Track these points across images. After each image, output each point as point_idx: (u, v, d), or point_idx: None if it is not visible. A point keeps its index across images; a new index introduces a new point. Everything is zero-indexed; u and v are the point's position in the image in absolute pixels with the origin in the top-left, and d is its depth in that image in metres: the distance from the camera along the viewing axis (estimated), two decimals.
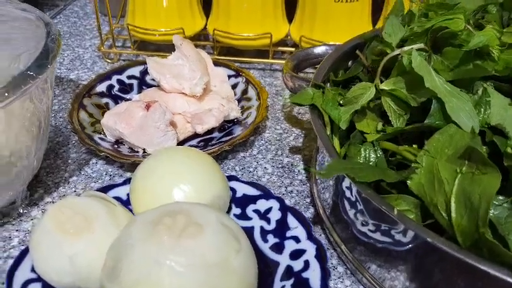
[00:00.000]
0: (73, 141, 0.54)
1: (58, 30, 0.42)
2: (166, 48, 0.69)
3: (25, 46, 0.41)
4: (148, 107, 0.48)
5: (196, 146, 0.52)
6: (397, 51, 0.38)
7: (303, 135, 0.56)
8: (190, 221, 0.31)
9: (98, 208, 0.36)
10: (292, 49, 0.68)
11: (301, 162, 0.52)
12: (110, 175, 0.50)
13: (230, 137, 0.51)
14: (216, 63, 0.60)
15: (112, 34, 0.67)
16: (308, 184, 0.49)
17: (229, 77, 0.60)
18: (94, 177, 0.50)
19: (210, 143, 0.52)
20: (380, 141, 0.37)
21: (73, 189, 0.48)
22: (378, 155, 0.37)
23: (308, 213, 0.46)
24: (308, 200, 0.47)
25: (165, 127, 0.49)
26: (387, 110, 0.38)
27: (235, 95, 0.58)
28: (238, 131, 0.53)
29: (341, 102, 0.41)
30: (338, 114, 0.40)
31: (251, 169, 0.51)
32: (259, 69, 0.68)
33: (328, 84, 0.46)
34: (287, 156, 0.53)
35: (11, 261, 0.37)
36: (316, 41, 0.62)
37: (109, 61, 0.69)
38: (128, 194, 0.44)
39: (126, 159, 0.47)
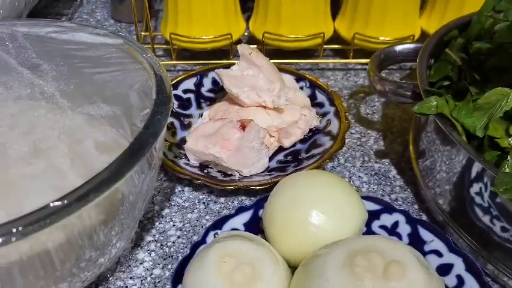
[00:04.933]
0: None
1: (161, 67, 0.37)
2: (200, 55, 0.65)
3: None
4: (243, 127, 0.45)
5: (285, 162, 0.50)
6: None
7: (381, 138, 0.54)
8: (387, 259, 0.30)
9: (256, 252, 0.33)
10: (336, 46, 0.66)
11: (393, 167, 0.51)
12: (204, 203, 0.46)
13: (322, 149, 0.49)
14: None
15: (153, 45, 0.62)
16: (409, 189, 0.48)
17: None
18: (187, 207, 0.46)
19: (300, 157, 0.50)
20: None
21: (171, 223, 0.45)
22: None
23: None
24: (416, 206, 0.47)
25: (259, 146, 0.46)
26: None
27: None
28: (323, 140, 0.50)
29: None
30: (473, 122, 0.39)
31: (346, 179, 0.49)
32: (306, 70, 0.66)
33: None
34: (376, 162, 0.51)
35: None
36: (370, 38, 0.61)
37: None
38: (245, 225, 0.41)
39: (230, 186, 0.44)
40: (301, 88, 0.56)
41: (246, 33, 0.66)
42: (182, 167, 0.47)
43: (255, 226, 0.41)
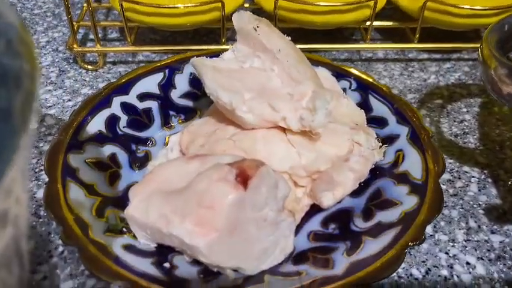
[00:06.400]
0: (59, 250, 0.26)
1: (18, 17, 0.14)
2: (175, 38, 0.41)
3: None
4: (243, 179, 0.21)
5: (325, 237, 0.26)
6: None
7: (490, 181, 0.30)
8: None
9: None
10: (391, 23, 0.42)
11: None
12: None
13: (397, 211, 0.25)
14: None
15: (93, 20, 0.37)
16: None
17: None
18: None
19: (353, 226, 0.25)
20: None
21: None
22: None
23: None
24: None
25: (277, 214, 0.22)
26: None
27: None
28: (395, 192, 0.27)
29: None
30: None
31: (444, 270, 0.25)
32: (341, 62, 0.41)
33: None
34: (493, 232, 0.27)
35: None
36: (451, 7, 0.37)
37: (90, 67, 0.40)
38: None
39: None
40: (344, 91, 0.32)
41: (247, 4, 0.42)
42: (119, 259, 0.22)
43: None
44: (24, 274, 0.14)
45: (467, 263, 0.26)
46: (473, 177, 0.31)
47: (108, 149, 0.29)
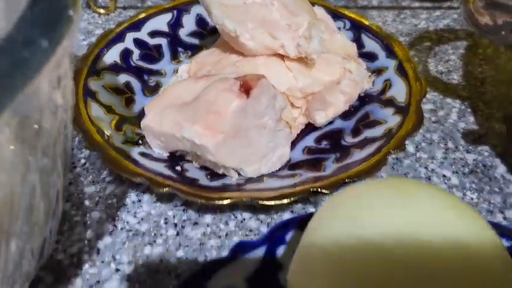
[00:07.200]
0: (82, 162, 0.29)
1: None
2: None
3: None
4: (246, 88, 0.24)
5: (318, 150, 0.29)
6: None
7: (469, 111, 0.34)
8: None
9: None
10: None
11: (498, 160, 0.30)
12: (175, 224, 0.26)
13: (382, 128, 0.28)
14: None
15: None
16: None
17: None
18: (145, 234, 0.25)
19: (343, 142, 0.29)
20: None
21: (112, 265, 0.24)
22: None
23: None
24: None
25: (276, 124, 0.26)
26: None
27: None
28: (382, 114, 0.30)
29: None
30: None
31: (422, 181, 0.29)
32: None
33: None
34: (468, 151, 0.31)
35: None
36: None
37: (102, 11, 0.42)
38: (249, 280, 0.21)
39: (221, 200, 0.24)
40: (338, 30, 0.35)
41: None
42: (137, 161, 0.26)
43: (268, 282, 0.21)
44: (68, 150, 0.18)
45: (444, 176, 0.29)
46: (454, 107, 0.34)
47: (123, 78, 0.32)
